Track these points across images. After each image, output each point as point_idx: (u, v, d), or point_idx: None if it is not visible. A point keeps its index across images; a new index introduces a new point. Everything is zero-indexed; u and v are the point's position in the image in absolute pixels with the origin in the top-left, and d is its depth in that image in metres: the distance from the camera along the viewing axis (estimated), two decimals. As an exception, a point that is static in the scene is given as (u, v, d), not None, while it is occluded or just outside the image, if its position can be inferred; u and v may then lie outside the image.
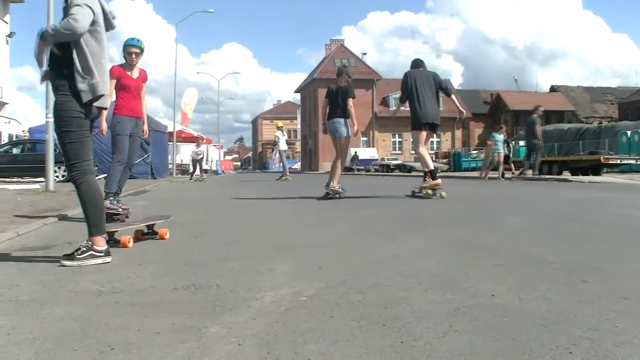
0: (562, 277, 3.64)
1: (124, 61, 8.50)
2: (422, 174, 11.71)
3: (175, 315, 2.85)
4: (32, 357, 2.26)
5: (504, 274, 3.75)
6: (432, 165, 11.19)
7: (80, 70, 4.33)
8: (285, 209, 9.82)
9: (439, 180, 11.20)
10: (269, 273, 3.91)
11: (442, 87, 11.69)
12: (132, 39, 8.54)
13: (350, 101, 11.99)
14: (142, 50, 8.57)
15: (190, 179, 30.11)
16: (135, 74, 8.64)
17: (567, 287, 3.35)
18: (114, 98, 8.33)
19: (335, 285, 3.47)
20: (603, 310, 2.84)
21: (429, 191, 11.02)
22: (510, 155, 27.30)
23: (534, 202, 11.17)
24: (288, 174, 25.94)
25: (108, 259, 4.38)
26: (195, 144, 34.09)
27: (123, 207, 8.30)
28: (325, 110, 12.23)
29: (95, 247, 4.36)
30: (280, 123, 29.34)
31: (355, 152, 59.25)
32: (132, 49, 8.45)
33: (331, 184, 11.73)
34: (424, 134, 11.46)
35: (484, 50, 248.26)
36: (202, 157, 31.41)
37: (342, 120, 12.01)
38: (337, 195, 11.64)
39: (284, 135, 27.33)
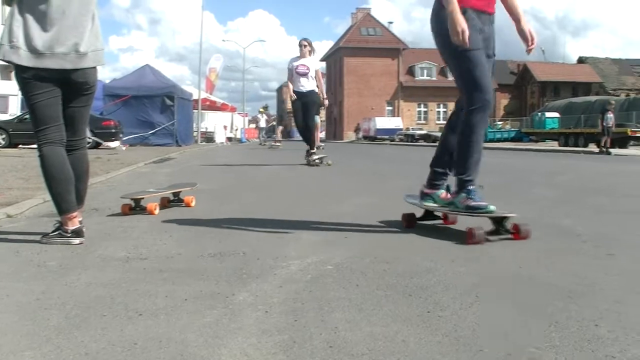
0: (589, 249, 3.62)
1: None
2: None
3: (202, 282, 2.87)
4: (62, 321, 2.28)
5: (531, 245, 3.73)
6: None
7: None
8: (312, 178, 9.81)
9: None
10: (295, 241, 3.92)
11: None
12: None
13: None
14: None
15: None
16: None
17: (594, 259, 3.34)
18: None
19: (361, 255, 3.47)
20: (629, 283, 2.83)
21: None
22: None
23: (561, 174, 11.11)
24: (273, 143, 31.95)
25: (76, 241, 3.91)
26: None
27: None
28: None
29: (63, 226, 3.95)
30: (261, 108, 41.61)
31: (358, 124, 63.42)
32: None
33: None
34: None
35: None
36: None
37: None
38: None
39: (263, 117, 39.31)
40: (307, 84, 12.91)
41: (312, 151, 13.05)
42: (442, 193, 4.49)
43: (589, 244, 3.79)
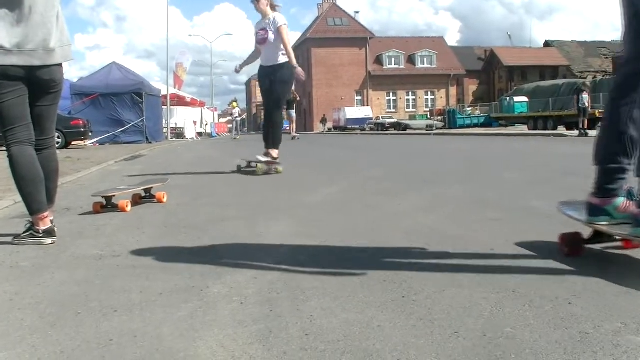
0: (563, 230, 3.64)
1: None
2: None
3: (176, 277, 2.86)
4: (36, 321, 2.27)
5: (504, 228, 3.77)
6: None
7: None
8: (284, 170, 9.79)
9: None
10: (268, 233, 3.93)
11: None
12: None
13: None
14: None
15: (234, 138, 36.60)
16: None
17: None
18: None
19: (335, 243, 3.48)
20: (602, 262, 2.86)
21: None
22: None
23: (532, 157, 11.20)
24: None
25: (48, 241, 3.88)
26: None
27: None
28: None
29: (35, 227, 3.92)
30: (234, 103, 42.91)
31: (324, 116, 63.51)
32: None
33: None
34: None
35: (481, 7, 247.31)
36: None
37: None
38: None
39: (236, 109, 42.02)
40: (272, 55, 8.68)
41: (272, 153, 9.03)
42: (622, 202, 2.89)
43: (565, 225, 3.82)
